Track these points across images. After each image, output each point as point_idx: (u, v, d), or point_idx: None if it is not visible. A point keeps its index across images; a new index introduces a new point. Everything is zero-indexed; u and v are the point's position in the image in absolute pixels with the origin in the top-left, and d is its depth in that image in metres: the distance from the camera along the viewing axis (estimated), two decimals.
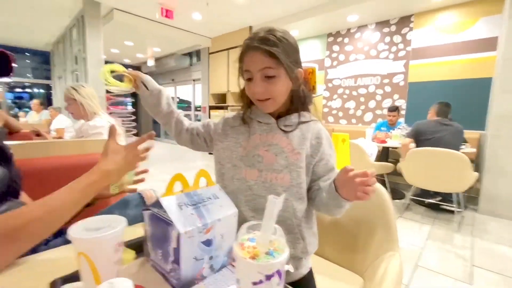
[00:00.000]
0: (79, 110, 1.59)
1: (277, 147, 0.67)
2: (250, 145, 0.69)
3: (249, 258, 0.34)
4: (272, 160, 0.67)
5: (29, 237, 0.49)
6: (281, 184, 0.66)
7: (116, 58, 7.57)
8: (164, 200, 0.45)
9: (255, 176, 0.67)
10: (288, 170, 0.66)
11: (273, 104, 0.66)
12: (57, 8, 4.04)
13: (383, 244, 0.85)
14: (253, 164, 0.68)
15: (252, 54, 0.62)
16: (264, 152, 0.68)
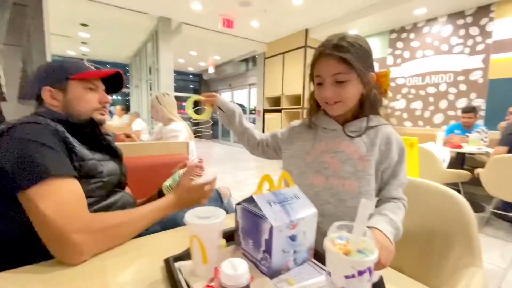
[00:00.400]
0: (158, 115, 1.85)
1: (343, 154, 0.68)
2: (316, 151, 0.71)
3: (342, 253, 0.38)
4: (338, 167, 0.67)
5: (117, 235, 0.63)
6: (349, 191, 0.66)
7: (181, 67, 8.38)
8: (257, 198, 0.52)
9: (322, 182, 0.68)
10: (356, 177, 0.66)
11: (341, 107, 0.66)
12: (136, 27, 4.70)
13: (462, 259, 0.79)
14: (319, 171, 0.69)
15: (324, 61, 0.64)
16: (330, 158, 0.69)
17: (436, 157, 2.45)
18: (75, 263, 0.54)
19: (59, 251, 0.55)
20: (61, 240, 0.54)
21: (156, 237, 0.70)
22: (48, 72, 0.74)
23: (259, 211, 0.51)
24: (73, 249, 0.54)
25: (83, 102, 0.76)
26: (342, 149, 0.68)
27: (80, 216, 0.57)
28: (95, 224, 0.58)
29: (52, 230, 0.54)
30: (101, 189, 0.74)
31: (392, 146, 0.67)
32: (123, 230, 0.64)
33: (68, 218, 0.55)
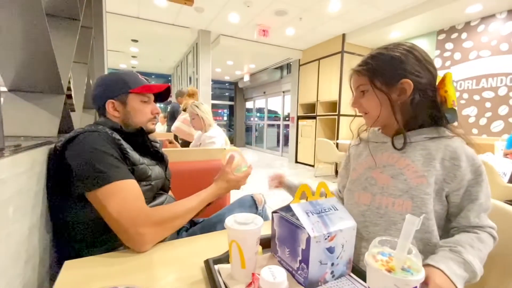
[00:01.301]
0: (200, 123, 1.95)
1: (393, 168, 0.61)
2: (362, 166, 0.68)
3: (385, 270, 0.37)
4: (386, 182, 0.61)
5: (171, 226, 0.70)
6: (400, 211, 0.58)
7: (218, 76, 8.74)
8: (295, 207, 0.52)
9: (368, 201, 0.63)
10: (409, 196, 0.58)
11: (370, 118, 0.67)
12: (179, 40, 5.04)
13: None
14: (365, 187, 0.65)
15: (353, 76, 0.69)
16: (377, 174, 0.63)
17: (495, 170, 2.19)
18: (141, 251, 0.64)
19: (127, 241, 0.64)
20: (128, 232, 0.63)
21: (196, 239, 0.74)
22: (112, 86, 0.83)
23: (296, 220, 0.51)
24: (140, 240, 0.63)
25: (139, 114, 0.85)
26: (391, 162, 0.62)
27: (142, 210, 0.66)
28: (155, 217, 0.67)
29: (120, 224, 0.63)
30: (149, 191, 0.81)
31: (461, 162, 0.57)
32: (176, 222, 0.72)
33: (132, 214, 0.63)
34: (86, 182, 0.63)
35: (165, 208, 0.72)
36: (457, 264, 0.50)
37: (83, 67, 1.25)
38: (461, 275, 0.48)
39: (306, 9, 3.68)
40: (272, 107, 8.78)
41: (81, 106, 1.23)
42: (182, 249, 0.67)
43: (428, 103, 0.61)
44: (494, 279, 0.77)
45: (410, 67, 0.60)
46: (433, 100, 0.61)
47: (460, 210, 0.59)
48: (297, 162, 6.10)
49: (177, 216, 0.72)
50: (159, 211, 0.70)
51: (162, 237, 0.68)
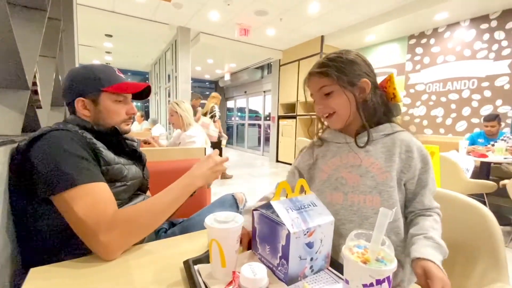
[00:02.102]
0: (179, 121, 1.91)
1: (361, 168, 0.66)
2: (330, 168, 0.70)
3: (361, 262, 0.38)
4: (356, 181, 0.65)
5: (143, 227, 0.64)
6: (371, 206, 0.63)
7: (198, 74, 8.60)
8: (275, 204, 0.53)
9: (341, 200, 0.66)
10: (377, 191, 0.63)
11: (338, 119, 0.68)
12: (157, 36, 4.89)
13: (488, 274, 0.75)
14: (336, 187, 0.67)
15: (311, 79, 0.70)
16: (346, 174, 0.67)
17: (459, 166, 2.35)
18: (108, 259, 0.59)
19: (93, 249, 0.59)
20: (93, 240, 0.58)
21: (175, 240, 0.72)
22: (82, 82, 0.76)
23: (277, 217, 0.52)
24: (106, 248, 0.58)
25: (113, 114, 0.79)
26: (358, 163, 0.66)
27: (107, 215, 0.60)
28: (120, 222, 0.61)
29: (84, 231, 0.59)
30: (125, 192, 0.77)
31: (414, 154, 0.65)
32: (147, 222, 0.65)
33: (97, 219, 0.58)
34: (50, 184, 0.59)
35: (132, 210, 0.65)
36: (435, 250, 0.56)
37: (51, 61, 1.16)
38: (440, 259, 0.55)
39: (286, 9, 3.73)
40: (253, 106, 8.80)
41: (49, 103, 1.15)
42: (160, 250, 0.65)
43: (381, 100, 0.68)
44: (459, 266, 0.83)
45: (364, 69, 0.68)
46: (383, 97, 0.69)
47: (414, 195, 0.66)
48: (278, 161, 6.16)
49: (147, 216, 0.65)
50: (124, 214, 0.63)
51: (131, 242, 0.63)
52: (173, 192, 0.70)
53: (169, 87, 5.10)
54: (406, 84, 4.21)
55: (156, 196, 0.70)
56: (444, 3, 3.13)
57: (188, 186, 0.73)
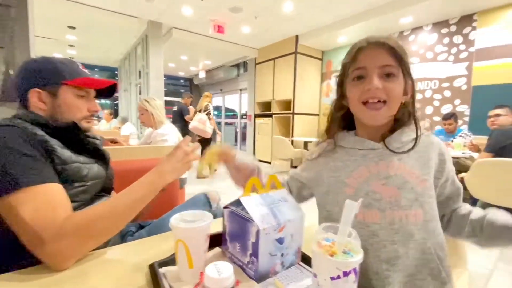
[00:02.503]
0: (149, 119, 1.83)
1: (398, 178, 0.55)
2: (356, 180, 0.57)
3: (328, 255, 0.38)
4: (395, 195, 0.54)
5: (97, 233, 0.57)
6: (414, 222, 0.53)
7: (172, 71, 8.34)
8: (244, 200, 0.51)
9: (377, 219, 0.54)
10: (419, 203, 0.54)
11: (386, 112, 0.55)
12: (126, 30, 4.66)
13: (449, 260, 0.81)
14: (370, 204, 0.55)
15: (372, 50, 0.54)
16: (380, 186, 0.55)
17: None
18: (60, 269, 0.53)
19: (43, 258, 0.53)
20: (41, 248, 0.52)
21: (142, 242, 0.68)
22: (39, 73, 0.69)
23: (246, 214, 0.50)
24: (56, 256, 0.52)
25: (72, 110, 0.73)
26: (393, 172, 0.55)
27: (54, 220, 0.53)
28: (69, 225, 0.54)
29: (31, 238, 0.52)
30: (85, 193, 0.71)
31: (445, 156, 0.58)
32: (104, 225, 0.58)
33: (45, 225, 0.52)
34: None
35: (88, 213, 0.58)
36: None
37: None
38: None
39: (261, 8, 3.73)
40: (229, 105, 8.72)
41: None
42: (124, 255, 0.61)
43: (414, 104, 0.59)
44: None
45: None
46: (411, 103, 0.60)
47: (447, 198, 0.60)
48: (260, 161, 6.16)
49: (106, 219, 0.58)
50: (78, 218, 0.56)
51: (86, 249, 0.57)
52: (137, 191, 0.64)
53: (140, 83, 4.88)
54: None
55: (117, 196, 0.64)
56: (408, 8, 3.32)
57: (155, 183, 0.66)
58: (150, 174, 0.68)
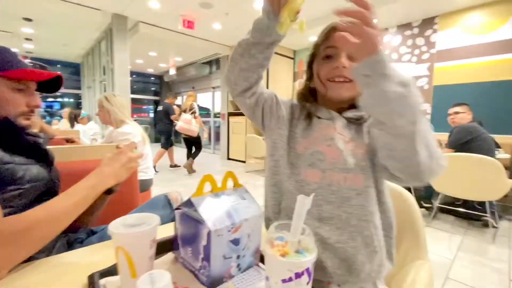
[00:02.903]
0: (106, 117, 1.70)
1: (340, 141, 0.58)
2: (308, 141, 0.61)
3: (279, 255, 0.35)
4: (337, 157, 0.56)
5: (32, 240, 0.52)
6: (353, 186, 0.55)
7: (140, 68, 7.96)
8: (195, 200, 0.47)
9: (318, 178, 0.57)
10: (360, 168, 0.56)
11: (350, 90, 0.58)
12: (88, 23, 4.34)
13: (410, 253, 0.82)
14: (313, 163, 0.58)
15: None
16: (325, 147, 0.58)
17: None
18: None
19: None
20: None
21: (87, 250, 0.61)
22: None
23: (198, 215, 0.46)
24: None
25: (7, 104, 0.64)
26: (337, 135, 0.58)
27: None
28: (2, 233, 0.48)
29: None
30: (21, 197, 0.62)
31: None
32: (39, 232, 0.53)
33: None
34: None
35: (19, 219, 0.53)
36: None
37: None
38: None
39: (232, 4, 3.67)
40: (202, 103, 8.53)
41: None
42: (65, 264, 0.54)
43: None
44: None
45: None
46: None
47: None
48: (229, 159, 6.09)
49: (40, 225, 0.53)
50: (7, 225, 0.50)
51: (17, 259, 0.51)
52: (76, 195, 0.59)
53: (104, 80, 4.58)
54: None
55: (55, 199, 0.57)
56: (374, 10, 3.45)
57: (95, 186, 0.62)
58: (90, 177, 0.63)
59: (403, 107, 0.42)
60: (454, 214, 2.66)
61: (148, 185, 1.82)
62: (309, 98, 0.67)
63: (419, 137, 0.44)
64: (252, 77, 0.60)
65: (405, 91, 0.42)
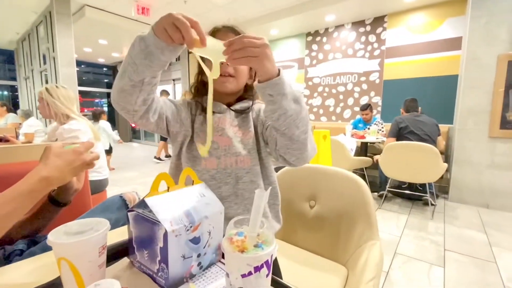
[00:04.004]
0: (46, 111, 1.52)
1: (230, 131, 0.69)
2: (202, 133, 0.68)
3: (238, 251, 0.34)
4: (228, 143, 0.67)
5: None
6: (243, 166, 0.67)
7: (89, 57, 7.23)
8: (149, 200, 0.44)
9: (215, 165, 0.67)
10: (247, 151, 0.68)
11: (233, 84, 0.68)
12: (22, 5, 3.79)
13: (364, 234, 0.89)
14: (209, 153, 0.67)
15: (223, 34, 0.68)
16: (218, 137, 0.68)
17: (345, 146, 2.80)
18: None
19: None
20: None
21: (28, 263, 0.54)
22: None
23: (153, 216, 0.43)
24: None
25: None
26: (228, 126, 0.69)
27: None
28: None
29: None
30: None
31: (261, 112, 0.74)
32: None
33: None
34: None
35: None
36: None
37: None
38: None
39: None
40: None
41: None
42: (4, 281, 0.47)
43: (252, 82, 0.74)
44: (343, 231, 0.95)
45: None
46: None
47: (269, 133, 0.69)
48: None
49: None
50: None
51: None
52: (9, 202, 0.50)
53: (45, 70, 4.06)
54: (305, 77, 4.70)
55: None
56: (330, 6, 3.59)
57: (35, 191, 0.52)
58: (27, 181, 0.53)
59: (299, 120, 0.54)
60: (401, 196, 2.96)
61: (103, 185, 1.68)
62: (202, 91, 0.74)
63: (309, 140, 0.59)
64: (149, 98, 0.59)
65: (299, 107, 0.53)
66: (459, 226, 2.23)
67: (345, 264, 0.93)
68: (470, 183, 2.76)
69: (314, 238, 1.02)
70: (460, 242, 1.95)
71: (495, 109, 2.61)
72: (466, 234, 2.08)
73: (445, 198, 2.95)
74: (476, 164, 2.72)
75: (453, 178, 2.85)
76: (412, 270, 1.61)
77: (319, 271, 0.89)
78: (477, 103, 2.70)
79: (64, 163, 0.56)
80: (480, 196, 2.71)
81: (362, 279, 0.72)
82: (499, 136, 2.61)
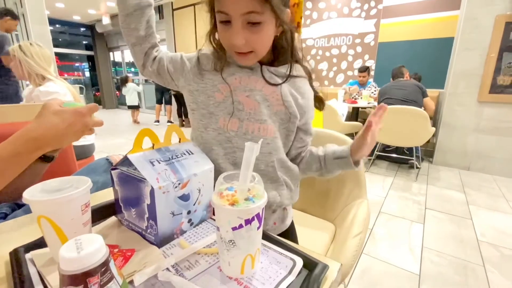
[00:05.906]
0: (19, 71, 1.40)
1: (260, 94, 0.59)
2: (227, 88, 0.59)
3: (228, 205, 0.33)
4: (254, 107, 0.58)
5: None
6: (265, 136, 0.59)
7: (62, 14, 6.60)
8: (133, 157, 0.41)
9: (236, 127, 0.59)
10: (273, 121, 0.60)
11: (254, 59, 0.57)
12: None
13: (352, 193, 0.92)
14: (232, 112, 0.59)
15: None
16: (244, 98, 0.58)
17: (337, 112, 2.78)
18: None
19: None
20: None
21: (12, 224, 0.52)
22: None
23: (138, 173, 0.41)
24: None
25: None
26: (259, 88, 0.59)
27: None
28: None
29: None
30: None
31: (310, 102, 0.65)
32: None
33: None
34: None
35: None
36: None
37: None
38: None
39: None
40: None
41: None
42: None
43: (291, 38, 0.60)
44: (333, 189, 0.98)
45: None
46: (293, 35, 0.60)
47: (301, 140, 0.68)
48: None
49: None
50: None
51: None
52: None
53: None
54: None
55: None
56: None
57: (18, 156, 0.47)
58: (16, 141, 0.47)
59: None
60: (388, 160, 3.05)
61: (90, 151, 1.64)
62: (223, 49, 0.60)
63: None
64: (151, 20, 0.63)
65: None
66: (440, 187, 2.34)
67: (333, 221, 0.96)
68: (454, 147, 2.85)
69: (304, 197, 1.04)
70: (440, 201, 2.06)
71: (487, 72, 2.59)
72: (446, 194, 2.20)
73: (430, 161, 3.06)
74: (462, 127, 2.78)
75: (439, 141, 2.92)
76: (394, 227, 1.71)
77: (309, 228, 0.93)
78: (470, 67, 2.67)
79: (63, 124, 0.49)
80: (463, 159, 2.82)
81: (349, 234, 0.75)
82: (488, 100, 2.63)
